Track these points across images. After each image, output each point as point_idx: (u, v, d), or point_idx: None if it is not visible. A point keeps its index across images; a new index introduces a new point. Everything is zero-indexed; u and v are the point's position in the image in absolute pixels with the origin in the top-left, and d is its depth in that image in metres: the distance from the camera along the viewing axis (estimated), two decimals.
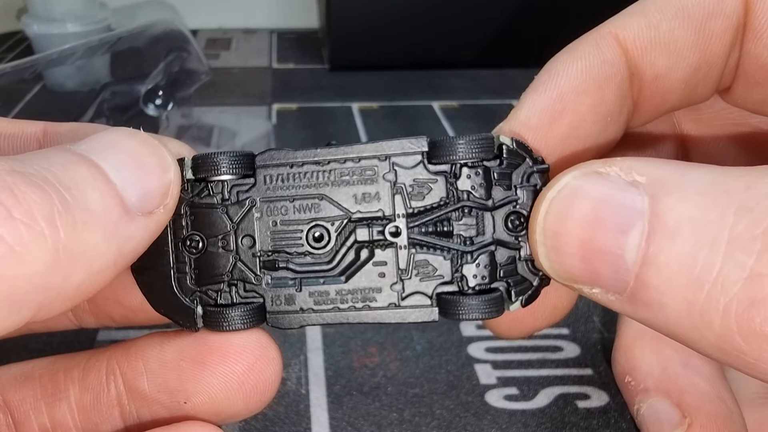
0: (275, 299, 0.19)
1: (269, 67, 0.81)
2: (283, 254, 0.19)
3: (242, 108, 0.67)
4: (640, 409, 0.27)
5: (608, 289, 0.16)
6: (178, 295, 0.20)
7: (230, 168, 0.19)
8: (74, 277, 0.15)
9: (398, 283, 0.19)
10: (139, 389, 0.21)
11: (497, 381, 0.33)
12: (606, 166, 0.16)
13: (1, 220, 0.14)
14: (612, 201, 0.15)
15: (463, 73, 0.76)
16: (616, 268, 0.15)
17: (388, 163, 0.19)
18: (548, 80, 0.21)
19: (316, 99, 0.70)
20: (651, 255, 0.15)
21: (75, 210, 0.15)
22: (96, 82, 0.62)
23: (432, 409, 0.31)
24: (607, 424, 0.31)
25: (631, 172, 0.15)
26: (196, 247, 0.20)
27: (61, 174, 0.15)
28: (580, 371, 0.34)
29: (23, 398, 0.21)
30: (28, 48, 0.74)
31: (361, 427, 0.31)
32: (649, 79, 0.21)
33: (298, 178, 0.19)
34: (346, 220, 0.19)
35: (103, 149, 0.17)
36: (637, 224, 0.15)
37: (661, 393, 0.27)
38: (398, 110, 0.67)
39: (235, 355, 0.20)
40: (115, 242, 0.16)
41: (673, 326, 0.15)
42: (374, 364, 0.34)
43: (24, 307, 0.14)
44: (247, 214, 0.19)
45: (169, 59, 0.59)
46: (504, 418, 0.31)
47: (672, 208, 0.14)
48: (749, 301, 0.13)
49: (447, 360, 0.34)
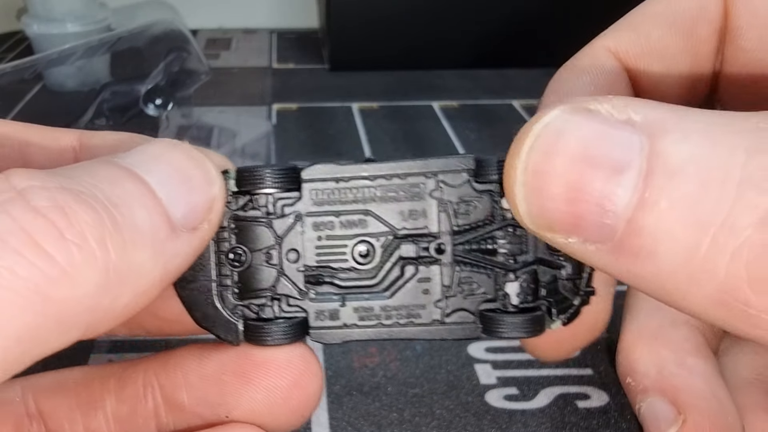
0: (319, 314, 0.19)
1: (269, 67, 0.81)
2: (328, 269, 0.19)
3: (242, 108, 0.67)
4: (640, 408, 0.28)
5: (589, 238, 0.14)
6: (220, 309, 0.19)
7: (275, 182, 0.19)
8: (122, 297, 0.15)
9: (442, 300, 0.19)
10: (178, 402, 0.20)
11: (497, 381, 0.33)
12: (597, 103, 0.14)
13: (53, 241, 0.13)
14: (605, 137, 0.14)
15: (463, 73, 0.76)
16: (605, 212, 0.14)
17: (435, 181, 0.19)
18: (557, 99, 0.21)
19: (316, 99, 0.70)
20: (649, 197, 0.13)
21: (124, 229, 0.15)
22: (96, 82, 0.62)
23: (432, 409, 0.32)
24: (607, 424, 0.31)
25: (626, 110, 0.14)
26: (240, 261, 0.19)
27: (109, 190, 0.15)
28: (580, 371, 0.34)
29: (57, 407, 0.21)
30: (28, 48, 0.74)
31: (361, 427, 0.31)
32: (646, 86, 0.22)
33: (344, 193, 0.19)
34: (391, 237, 0.19)
35: (148, 162, 0.16)
36: (633, 163, 0.13)
37: (657, 392, 0.27)
38: (398, 110, 0.67)
39: (280, 370, 0.19)
40: (162, 261, 0.16)
41: (664, 278, 0.14)
42: (374, 364, 0.34)
43: (73, 328, 0.14)
44: (293, 228, 0.19)
45: (169, 59, 0.59)
46: (504, 418, 0.31)
47: (674, 146, 0.13)
48: (763, 245, 0.12)
49: (447, 360, 0.34)
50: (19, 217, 0.13)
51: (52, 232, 0.13)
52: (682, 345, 0.28)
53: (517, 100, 0.69)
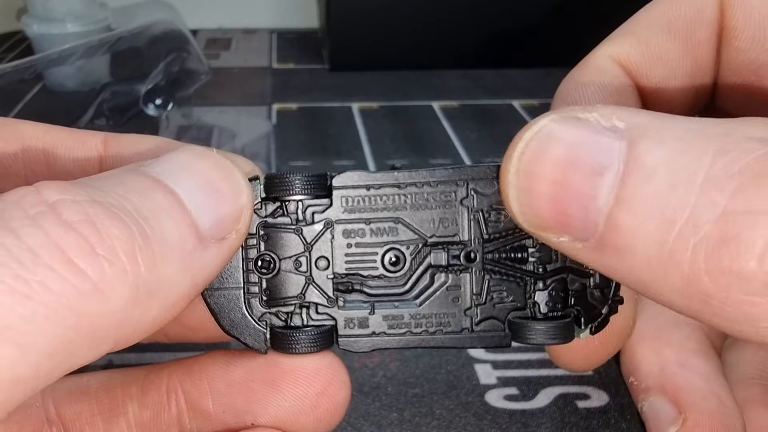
0: (348, 322, 0.19)
1: (269, 67, 0.81)
2: (358, 277, 0.19)
3: (242, 108, 0.67)
4: (642, 407, 0.28)
5: (576, 235, 0.15)
6: (249, 317, 0.19)
7: (305, 188, 0.19)
8: (152, 311, 0.15)
9: (472, 308, 0.19)
10: (203, 409, 0.20)
11: (497, 381, 0.33)
12: (586, 112, 0.16)
13: (84, 257, 0.13)
14: (588, 143, 0.15)
15: (463, 73, 0.76)
16: (587, 210, 0.15)
17: (466, 189, 0.19)
18: None
19: (316, 99, 0.70)
20: (624, 195, 0.14)
21: (154, 243, 0.15)
22: (96, 82, 0.62)
23: (432, 409, 0.32)
24: (607, 424, 0.31)
25: (611, 118, 0.15)
26: (268, 268, 0.19)
27: (138, 203, 0.15)
28: (580, 371, 0.34)
29: (78, 413, 0.21)
30: (28, 48, 0.74)
31: (361, 427, 0.31)
32: (649, 92, 0.22)
33: (374, 200, 0.19)
34: (421, 244, 0.19)
35: (177, 172, 0.16)
36: (612, 166, 0.15)
37: (659, 391, 0.27)
38: (398, 110, 0.67)
39: (308, 379, 0.19)
40: (190, 273, 0.16)
41: (640, 272, 0.15)
42: (374, 364, 0.34)
43: (103, 342, 0.14)
44: (323, 235, 0.19)
45: (169, 59, 0.59)
46: (504, 418, 0.31)
47: (649, 151, 0.14)
48: (720, 239, 0.13)
49: (447, 360, 0.34)
50: (51, 232, 0.13)
51: (83, 247, 0.13)
52: (684, 344, 0.28)
53: (517, 100, 0.69)
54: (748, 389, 0.28)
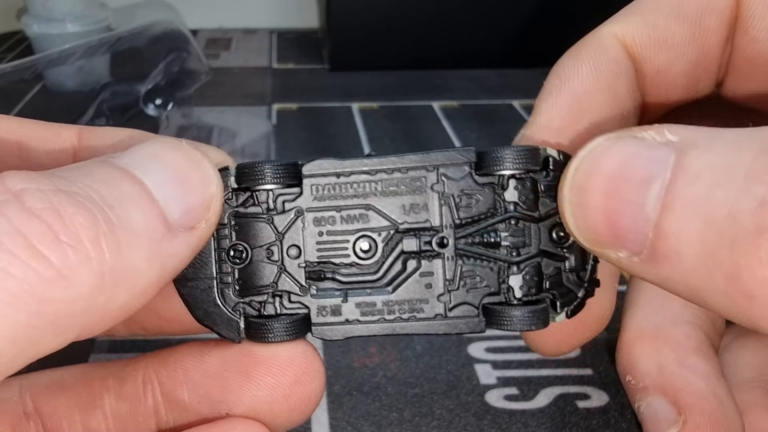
0: (321, 310, 0.19)
1: (269, 67, 0.81)
2: (330, 265, 0.19)
3: (242, 108, 0.67)
4: (640, 407, 0.28)
5: (631, 248, 0.15)
6: (222, 307, 0.19)
7: (275, 177, 0.19)
8: (118, 298, 0.15)
9: (445, 294, 0.19)
10: (179, 399, 0.20)
11: (497, 381, 0.33)
12: (642, 131, 0.16)
13: (48, 243, 0.13)
14: (640, 156, 0.15)
15: (463, 73, 0.76)
16: (636, 219, 0.15)
17: (437, 174, 0.19)
18: (560, 84, 0.21)
19: (316, 99, 0.70)
20: (669, 201, 0.14)
21: (119, 230, 0.15)
22: (96, 82, 0.62)
23: (432, 409, 0.32)
24: (607, 424, 0.31)
25: (664, 133, 0.15)
26: (240, 258, 0.19)
27: (105, 192, 0.15)
28: (580, 371, 0.34)
29: (56, 407, 0.21)
30: (28, 48, 0.74)
31: (361, 427, 0.31)
32: (651, 75, 0.22)
33: (345, 187, 0.19)
34: (393, 231, 0.19)
35: (146, 163, 0.16)
36: (660, 174, 0.15)
37: (658, 391, 0.27)
38: (398, 110, 0.67)
39: (281, 368, 0.19)
40: (158, 261, 0.16)
41: (689, 278, 0.14)
42: (374, 364, 0.34)
43: (68, 330, 0.14)
44: (293, 224, 0.19)
45: (169, 59, 0.59)
46: (504, 418, 0.31)
47: (697, 158, 0.14)
48: (757, 229, 0.13)
49: (447, 360, 0.34)
50: (14, 219, 0.13)
51: (47, 233, 0.14)
52: (683, 343, 0.28)
53: (517, 100, 0.69)
54: (748, 393, 0.27)
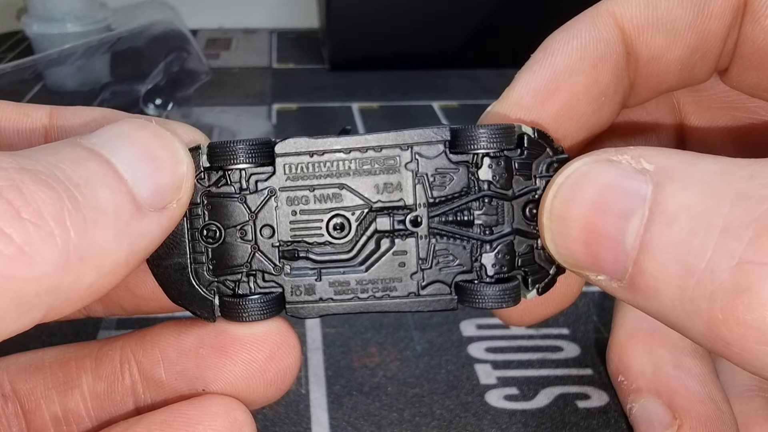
0: (295, 289, 0.19)
1: (269, 67, 0.81)
2: (303, 244, 0.19)
3: (242, 108, 0.67)
4: (632, 409, 0.27)
5: (610, 276, 0.16)
6: (196, 286, 0.19)
7: (248, 156, 0.19)
8: (85, 277, 0.15)
9: (418, 273, 0.19)
10: (156, 377, 0.20)
11: (497, 381, 0.33)
12: (618, 154, 0.16)
13: (9, 220, 0.13)
14: (617, 187, 0.15)
15: (463, 73, 0.76)
16: (617, 253, 0.15)
17: (410, 153, 0.19)
18: (543, 58, 0.21)
19: (316, 99, 0.70)
20: (647, 241, 0.15)
21: (85, 209, 0.14)
22: (96, 82, 0.62)
23: (432, 409, 0.31)
24: (607, 424, 0.31)
25: (640, 160, 0.15)
26: (214, 237, 0.19)
27: (70, 171, 0.15)
28: (580, 371, 0.34)
29: (33, 387, 0.21)
30: (28, 48, 0.74)
31: (361, 427, 0.31)
32: (645, 59, 0.21)
33: (318, 167, 0.19)
34: (366, 210, 0.19)
35: (114, 143, 0.16)
36: (638, 210, 0.15)
37: (652, 393, 0.26)
38: (398, 110, 0.67)
39: (256, 344, 0.20)
40: (127, 240, 0.16)
41: (667, 314, 0.15)
42: (374, 364, 0.34)
43: (34, 308, 0.14)
44: (266, 203, 0.19)
45: (169, 59, 0.59)
46: (504, 418, 0.31)
47: (673, 196, 0.14)
48: (734, 289, 0.13)
49: (447, 360, 0.34)
50: None
51: (7, 211, 0.13)
52: (678, 344, 0.27)
53: None
54: (748, 402, 0.27)
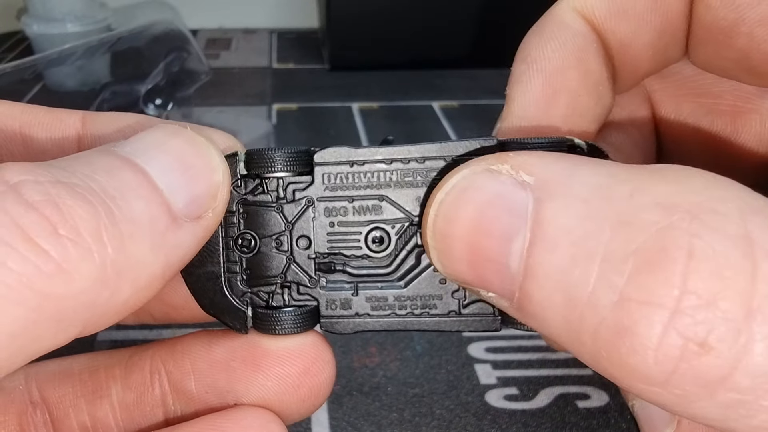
0: (330, 303, 0.19)
1: (269, 67, 0.81)
2: (340, 256, 0.19)
3: (242, 108, 0.67)
4: (634, 406, 0.27)
5: (499, 296, 0.15)
6: (229, 297, 0.19)
7: (286, 165, 0.18)
8: (122, 292, 0.14)
9: (459, 291, 0.18)
10: (186, 389, 0.20)
11: (497, 381, 0.33)
12: (498, 163, 0.15)
13: (47, 237, 0.13)
14: (497, 205, 0.15)
15: (463, 73, 0.77)
16: (502, 276, 0.15)
17: (454, 165, 0.18)
18: (528, 69, 0.21)
19: (316, 99, 0.70)
20: (531, 266, 0.14)
21: (121, 222, 0.14)
22: (96, 82, 0.62)
23: (432, 409, 0.31)
24: (607, 424, 0.31)
25: (519, 171, 0.15)
26: (248, 247, 0.19)
27: (105, 182, 0.14)
28: (580, 371, 0.34)
29: (62, 395, 0.21)
30: (28, 48, 0.74)
31: (361, 427, 0.31)
32: (616, 47, 0.21)
33: (358, 177, 0.18)
34: (407, 223, 0.18)
35: (148, 151, 0.16)
36: (520, 231, 0.14)
37: None
38: (398, 110, 0.67)
39: (290, 358, 0.19)
40: (163, 253, 0.15)
41: (558, 340, 0.14)
42: (374, 364, 0.34)
43: (71, 325, 0.14)
44: (304, 213, 0.18)
45: (169, 59, 0.59)
46: (504, 418, 0.31)
47: (553, 217, 0.14)
48: (617, 328, 0.13)
49: (447, 360, 0.34)
50: (11, 211, 0.13)
51: (45, 227, 0.13)
52: None
53: None
54: None
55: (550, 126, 0.20)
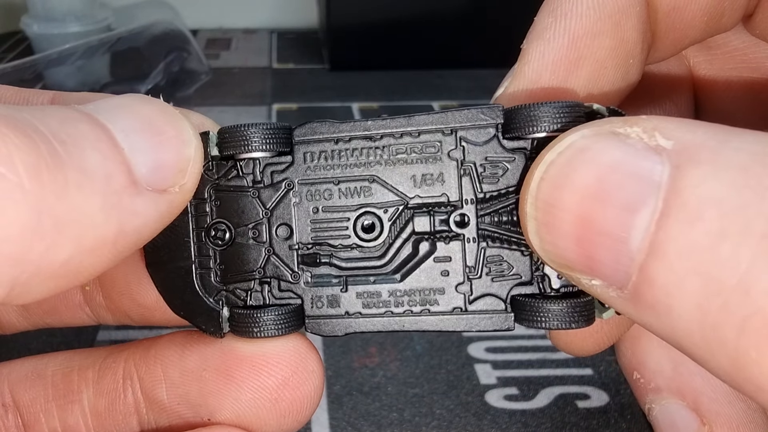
0: (316, 301, 0.16)
1: (269, 67, 0.81)
2: (326, 247, 0.16)
3: (242, 108, 0.67)
4: (651, 410, 0.25)
5: (608, 282, 0.13)
6: (201, 295, 0.17)
7: (263, 143, 0.16)
8: (60, 249, 0.12)
9: (465, 284, 0.16)
10: (158, 398, 0.18)
11: (497, 381, 0.33)
12: (626, 126, 0.13)
13: None
14: (623, 169, 0.12)
15: (463, 73, 0.76)
16: (618, 255, 0.12)
17: (455, 138, 0.16)
18: (554, 23, 0.18)
19: (316, 99, 0.70)
20: (660, 241, 0.11)
21: (68, 168, 0.12)
22: (96, 82, 0.62)
23: (432, 409, 0.31)
24: (607, 424, 0.31)
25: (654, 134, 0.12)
26: (222, 238, 0.16)
27: (57, 127, 0.12)
28: (580, 371, 0.34)
29: (34, 398, 0.19)
30: (28, 48, 0.74)
31: (361, 427, 0.31)
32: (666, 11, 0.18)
33: (344, 156, 0.16)
34: (402, 207, 0.16)
35: (113, 110, 0.14)
36: (649, 201, 0.12)
37: (674, 394, 0.23)
38: (398, 110, 0.67)
39: (268, 367, 0.17)
40: (116, 215, 0.13)
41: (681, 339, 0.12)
42: (374, 364, 0.34)
43: None
44: (284, 198, 0.16)
45: (169, 59, 0.59)
46: (504, 418, 0.31)
47: (698, 184, 0.11)
48: None
49: (447, 360, 0.34)
50: None
51: None
52: None
53: None
54: None
55: (567, 91, 0.17)
